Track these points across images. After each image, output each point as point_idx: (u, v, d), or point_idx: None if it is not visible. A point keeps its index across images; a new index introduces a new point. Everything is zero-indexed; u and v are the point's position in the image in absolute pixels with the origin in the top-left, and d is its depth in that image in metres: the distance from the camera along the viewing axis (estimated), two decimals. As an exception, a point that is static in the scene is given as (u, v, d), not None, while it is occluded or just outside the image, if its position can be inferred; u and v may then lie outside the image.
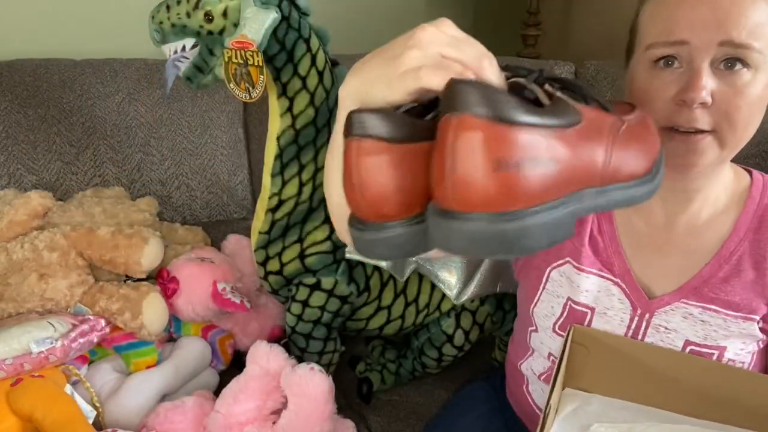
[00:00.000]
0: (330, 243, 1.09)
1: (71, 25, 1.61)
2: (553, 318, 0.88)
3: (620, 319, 0.83)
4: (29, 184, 1.39)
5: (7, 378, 0.98)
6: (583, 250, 0.85)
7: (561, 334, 0.87)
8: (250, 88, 0.96)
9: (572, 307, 0.86)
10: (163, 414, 1.03)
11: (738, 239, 0.78)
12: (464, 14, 2.26)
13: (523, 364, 0.97)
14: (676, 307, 0.80)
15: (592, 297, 0.84)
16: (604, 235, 0.85)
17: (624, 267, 0.83)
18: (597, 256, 0.84)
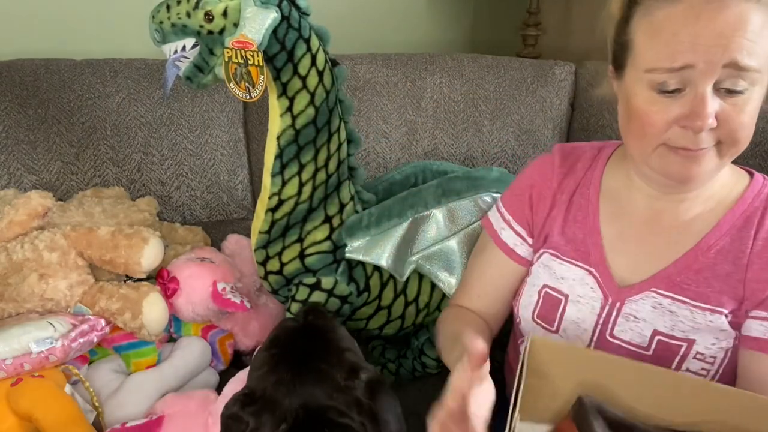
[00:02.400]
0: (330, 243, 1.09)
1: (71, 25, 1.61)
2: (531, 307, 0.91)
3: (591, 307, 0.85)
4: (29, 184, 1.39)
5: (8, 378, 0.98)
6: (560, 239, 0.88)
7: (538, 322, 0.90)
8: (250, 88, 0.96)
9: (547, 293, 0.89)
10: (171, 400, 1.04)
11: (719, 234, 0.79)
12: (464, 14, 2.26)
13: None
14: (646, 296, 0.81)
15: (567, 285, 0.87)
16: (586, 224, 0.87)
17: (600, 257, 0.85)
18: (574, 245, 0.87)
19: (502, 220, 0.96)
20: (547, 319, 0.89)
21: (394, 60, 1.63)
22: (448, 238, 1.10)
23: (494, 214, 0.98)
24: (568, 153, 0.93)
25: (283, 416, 0.76)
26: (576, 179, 0.90)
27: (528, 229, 0.93)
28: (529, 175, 0.95)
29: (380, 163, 1.58)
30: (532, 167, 0.96)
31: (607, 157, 0.90)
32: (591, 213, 0.87)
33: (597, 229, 0.86)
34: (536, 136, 1.60)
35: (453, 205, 1.10)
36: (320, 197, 1.07)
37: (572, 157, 0.92)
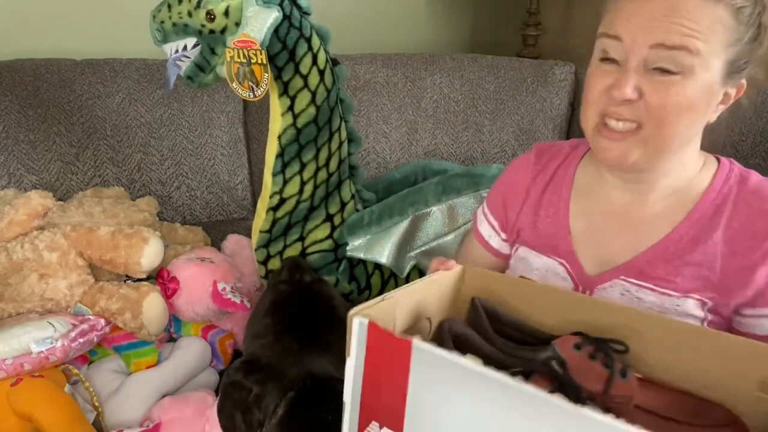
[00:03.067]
0: (331, 241, 1.09)
1: (71, 25, 1.61)
2: None
3: None
4: (29, 184, 1.39)
5: (8, 378, 0.98)
6: (532, 233, 0.90)
7: None
8: (253, 87, 0.96)
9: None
10: (168, 405, 1.03)
11: (690, 224, 0.80)
12: (464, 14, 2.26)
13: None
14: (614, 284, 0.82)
15: (540, 275, 0.89)
16: (557, 219, 0.88)
17: (568, 249, 0.86)
18: (545, 239, 0.89)
19: (482, 213, 0.99)
20: None
21: (394, 60, 1.63)
22: (448, 235, 1.10)
23: (480, 208, 1.01)
24: (544, 150, 0.94)
25: (291, 385, 0.77)
26: (549, 175, 0.91)
27: (501, 223, 0.95)
28: (507, 172, 0.97)
29: (380, 163, 1.59)
30: (511, 165, 0.97)
31: (582, 154, 0.91)
32: (562, 209, 0.88)
33: (566, 224, 0.87)
34: (536, 136, 1.60)
35: (453, 203, 1.10)
36: (321, 196, 1.07)
37: (548, 155, 0.93)
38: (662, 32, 0.69)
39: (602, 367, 0.62)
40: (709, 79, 0.71)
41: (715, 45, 0.70)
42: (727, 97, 0.75)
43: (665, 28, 0.69)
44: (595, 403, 0.60)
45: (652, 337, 0.66)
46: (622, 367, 0.63)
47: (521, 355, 0.64)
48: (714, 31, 0.69)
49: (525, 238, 0.91)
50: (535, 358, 0.63)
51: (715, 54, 0.70)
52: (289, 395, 0.77)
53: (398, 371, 0.52)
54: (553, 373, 0.61)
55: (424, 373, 0.51)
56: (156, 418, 1.02)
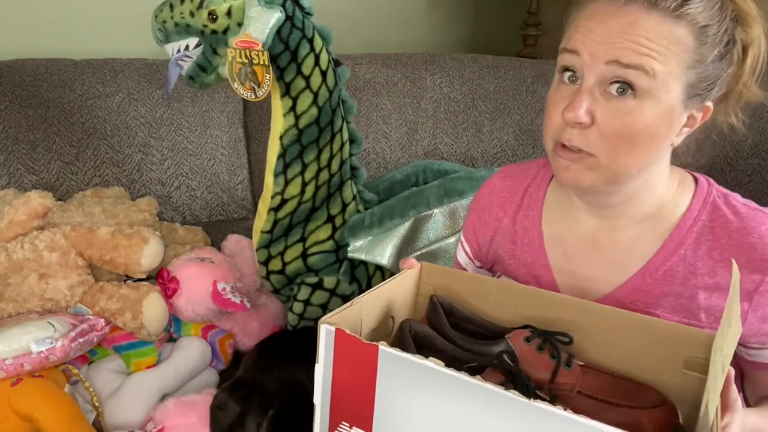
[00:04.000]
0: (332, 242, 1.09)
1: (71, 25, 1.61)
2: None
3: None
4: (29, 184, 1.39)
5: (8, 378, 0.97)
6: (512, 262, 0.87)
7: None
8: (255, 87, 0.96)
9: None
10: (173, 409, 1.02)
11: (666, 254, 0.76)
12: (464, 14, 2.26)
13: None
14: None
15: None
16: (532, 247, 0.85)
17: (550, 280, 0.83)
18: (526, 268, 0.86)
19: (459, 243, 0.96)
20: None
21: (394, 60, 1.63)
22: (449, 237, 1.10)
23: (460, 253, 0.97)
24: (510, 174, 0.90)
25: (271, 401, 0.79)
26: (518, 201, 0.87)
27: (474, 251, 0.92)
28: (476, 200, 0.93)
29: (380, 163, 1.59)
30: (478, 192, 0.93)
31: (550, 175, 0.87)
32: (536, 236, 0.85)
33: (543, 252, 0.84)
34: (536, 136, 1.60)
35: (454, 205, 1.10)
36: (323, 197, 1.07)
37: (517, 176, 0.89)
38: (619, 49, 0.66)
39: (549, 358, 0.66)
40: (668, 102, 0.67)
41: (674, 66, 0.66)
42: (693, 120, 0.72)
43: (622, 45, 0.66)
44: (543, 391, 0.65)
45: (592, 326, 0.69)
46: (567, 357, 0.66)
47: (477, 350, 0.67)
48: (673, 52, 0.66)
49: (505, 266, 0.88)
50: (490, 352, 0.66)
51: (674, 75, 0.66)
52: (269, 414, 0.78)
53: (366, 374, 0.56)
54: (506, 366, 0.65)
55: (390, 375, 0.55)
56: (159, 421, 1.01)
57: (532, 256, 0.85)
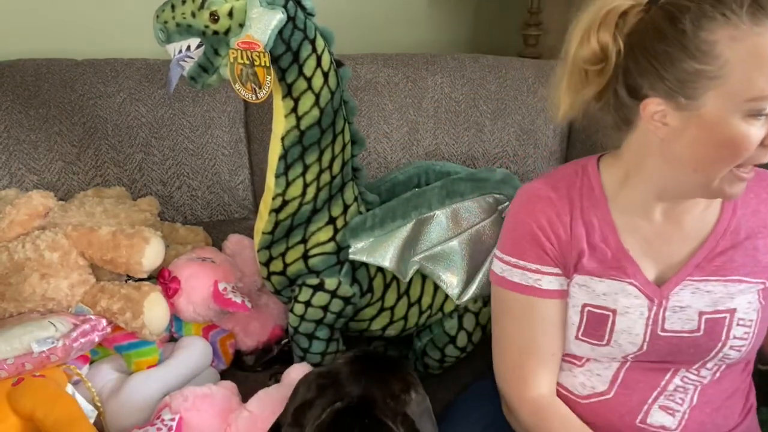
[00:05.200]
0: (333, 244, 1.09)
1: (73, 25, 1.61)
2: (574, 327, 0.91)
3: (640, 313, 0.87)
4: (30, 184, 1.39)
5: (9, 377, 0.98)
6: (589, 262, 0.89)
7: (584, 339, 0.91)
8: (256, 89, 0.96)
9: (591, 311, 0.89)
10: (192, 399, 1.02)
11: (729, 216, 0.87)
12: (465, 14, 2.26)
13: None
14: (684, 286, 0.86)
15: (611, 299, 0.88)
16: (609, 243, 0.88)
17: (635, 268, 0.88)
18: (606, 264, 0.88)
19: (531, 272, 0.90)
20: (594, 335, 0.89)
21: (395, 60, 1.63)
22: (451, 239, 1.10)
23: (514, 272, 0.91)
24: (554, 183, 0.91)
25: (342, 397, 0.89)
26: (580, 202, 0.90)
27: (553, 264, 0.90)
28: (529, 218, 0.90)
29: (381, 163, 1.59)
30: (528, 212, 0.91)
31: (596, 173, 0.91)
32: (609, 231, 0.88)
33: (620, 244, 0.88)
34: (537, 136, 1.60)
35: (457, 207, 1.10)
36: (324, 198, 1.06)
37: (562, 185, 0.91)
38: None
39: None
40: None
41: None
42: None
43: None
44: None
45: None
46: None
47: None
48: None
49: (584, 268, 0.89)
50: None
51: None
52: (335, 405, 0.87)
53: None
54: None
55: None
56: (176, 408, 1.01)
57: (611, 251, 0.88)
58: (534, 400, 0.93)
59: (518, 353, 0.94)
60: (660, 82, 0.77)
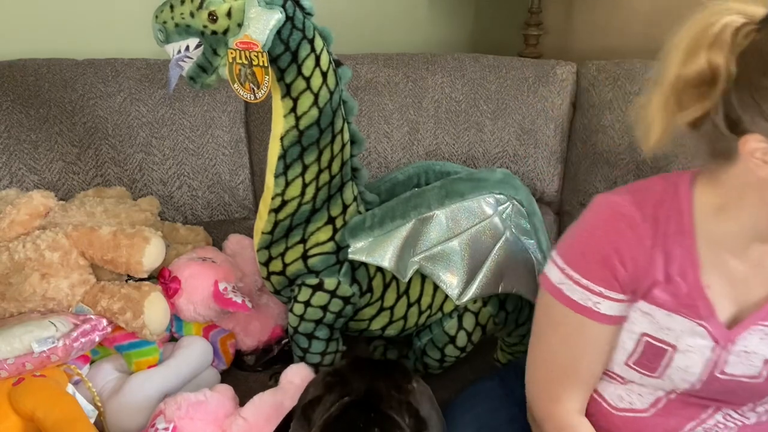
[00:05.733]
0: (333, 244, 1.09)
1: (73, 25, 1.61)
2: (625, 353, 0.85)
3: (701, 354, 0.81)
4: (31, 184, 1.39)
5: (9, 377, 0.98)
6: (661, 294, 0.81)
7: (634, 368, 0.85)
8: (254, 89, 0.96)
9: (650, 342, 0.83)
10: (185, 407, 1.01)
11: None
12: (466, 14, 2.26)
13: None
14: (753, 331, 0.80)
15: (674, 335, 0.81)
16: (687, 278, 0.81)
17: (709, 309, 0.81)
18: (678, 299, 0.81)
19: (593, 293, 0.83)
20: (647, 366, 0.84)
21: (395, 60, 1.63)
22: (451, 239, 1.10)
23: (575, 289, 0.84)
24: (641, 200, 0.82)
25: (350, 391, 0.93)
26: (665, 227, 0.81)
27: (620, 290, 0.83)
28: (609, 239, 0.82)
29: (381, 163, 1.58)
30: (607, 229, 0.83)
31: (688, 197, 0.81)
32: (690, 265, 0.80)
33: (699, 281, 0.81)
34: (538, 136, 1.60)
35: (456, 207, 1.10)
36: (323, 198, 1.06)
37: (649, 203, 0.82)
38: None
39: None
40: None
41: None
42: None
43: None
44: None
45: None
46: None
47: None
48: None
49: (654, 297, 0.82)
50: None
51: None
52: (345, 399, 0.91)
53: None
54: None
55: None
56: (170, 417, 1.00)
57: (687, 287, 0.81)
58: (561, 418, 0.89)
59: (556, 370, 0.90)
60: (762, 119, 0.69)
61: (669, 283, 0.81)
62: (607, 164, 1.54)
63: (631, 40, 1.87)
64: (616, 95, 1.53)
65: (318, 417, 0.91)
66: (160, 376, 1.13)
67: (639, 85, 1.51)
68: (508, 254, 1.12)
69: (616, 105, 1.53)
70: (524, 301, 1.20)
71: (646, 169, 1.48)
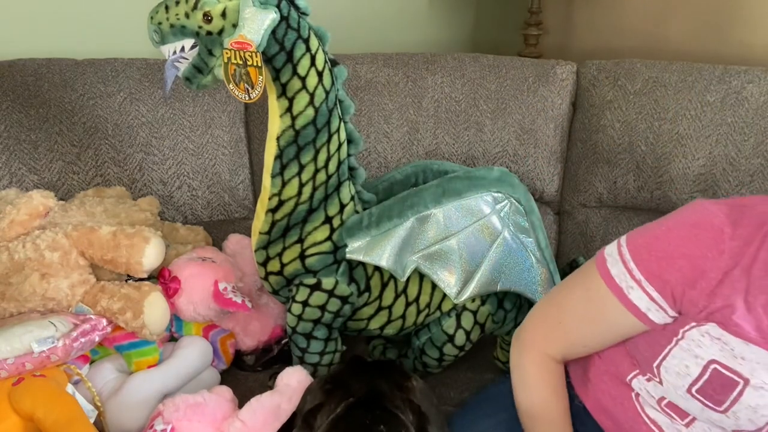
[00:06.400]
0: (330, 243, 1.09)
1: (73, 24, 1.61)
2: (689, 378, 0.80)
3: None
4: (31, 184, 1.39)
5: (9, 377, 0.98)
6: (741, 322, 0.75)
7: (698, 397, 0.80)
8: (249, 89, 0.96)
9: (717, 370, 0.77)
10: (183, 409, 1.01)
11: None
12: (466, 14, 2.26)
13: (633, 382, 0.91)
14: None
15: (749, 367, 0.75)
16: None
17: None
18: (760, 332, 0.75)
19: (631, 278, 0.81)
20: (713, 398, 0.78)
21: (395, 59, 1.63)
22: (448, 238, 1.10)
23: (617, 265, 0.82)
24: (739, 217, 0.76)
25: (352, 393, 0.94)
26: (756, 251, 0.74)
27: (672, 302, 0.80)
28: (685, 242, 0.78)
29: (381, 163, 1.59)
30: (688, 232, 0.78)
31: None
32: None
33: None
34: (537, 136, 1.60)
35: (453, 205, 1.10)
36: (320, 198, 1.06)
37: (748, 222, 0.76)
38: None
39: None
40: None
41: None
42: None
43: None
44: None
45: None
46: None
47: None
48: None
49: (727, 323, 0.76)
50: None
51: None
52: (348, 400, 0.92)
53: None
54: None
55: None
56: (168, 420, 1.00)
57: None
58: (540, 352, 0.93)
59: (560, 316, 0.91)
60: None
61: (750, 313, 0.74)
62: (607, 164, 1.54)
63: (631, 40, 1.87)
64: (616, 95, 1.53)
65: (322, 421, 0.92)
66: (160, 375, 1.13)
67: (639, 85, 1.51)
68: (506, 252, 1.12)
69: (616, 105, 1.53)
70: (522, 299, 1.20)
71: (646, 169, 1.48)
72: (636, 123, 1.49)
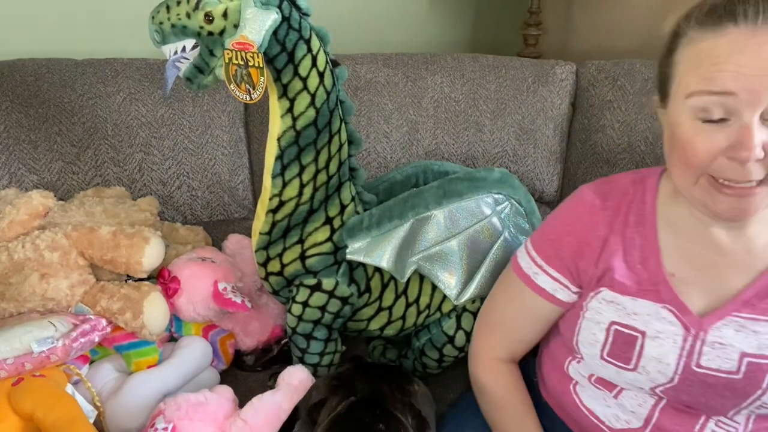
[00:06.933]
0: (330, 244, 1.09)
1: (72, 25, 1.61)
2: (598, 345, 0.87)
3: (673, 341, 0.81)
4: (30, 184, 1.39)
5: (9, 377, 0.98)
6: (623, 280, 0.84)
7: (610, 360, 0.86)
8: (250, 89, 0.95)
9: (618, 330, 0.85)
10: (185, 408, 1.01)
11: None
12: (465, 14, 2.26)
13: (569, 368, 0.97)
14: (728, 322, 0.79)
15: (641, 320, 0.83)
16: (648, 266, 0.83)
17: (671, 294, 0.82)
18: (640, 285, 0.83)
19: (535, 264, 0.93)
20: (621, 357, 0.85)
21: (395, 60, 1.63)
22: (449, 239, 1.10)
23: (524, 258, 0.95)
24: (607, 191, 0.88)
25: (355, 392, 0.96)
26: (625, 217, 0.86)
27: (571, 277, 0.90)
28: (566, 221, 0.91)
29: (381, 163, 1.59)
30: (568, 212, 0.92)
31: (654, 187, 0.86)
32: (651, 251, 0.84)
33: (660, 266, 0.83)
34: (537, 136, 1.60)
35: (454, 207, 1.10)
36: (321, 198, 1.06)
37: (614, 195, 0.87)
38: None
39: None
40: None
41: None
42: None
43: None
44: None
45: None
46: None
47: None
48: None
49: (614, 284, 0.85)
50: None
51: None
52: (350, 399, 0.94)
53: None
54: None
55: None
56: (170, 417, 1.00)
57: (648, 272, 0.83)
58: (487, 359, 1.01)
59: (494, 318, 1.01)
60: (657, 79, 0.79)
61: (630, 270, 0.84)
62: (607, 164, 1.54)
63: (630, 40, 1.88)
64: (615, 95, 1.53)
65: (324, 417, 0.93)
66: (160, 376, 1.13)
67: (639, 85, 1.51)
68: (506, 254, 1.12)
69: (616, 105, 1.53)
70: (523, 301, 1.20)
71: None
72: (635, 123, 1.50)
